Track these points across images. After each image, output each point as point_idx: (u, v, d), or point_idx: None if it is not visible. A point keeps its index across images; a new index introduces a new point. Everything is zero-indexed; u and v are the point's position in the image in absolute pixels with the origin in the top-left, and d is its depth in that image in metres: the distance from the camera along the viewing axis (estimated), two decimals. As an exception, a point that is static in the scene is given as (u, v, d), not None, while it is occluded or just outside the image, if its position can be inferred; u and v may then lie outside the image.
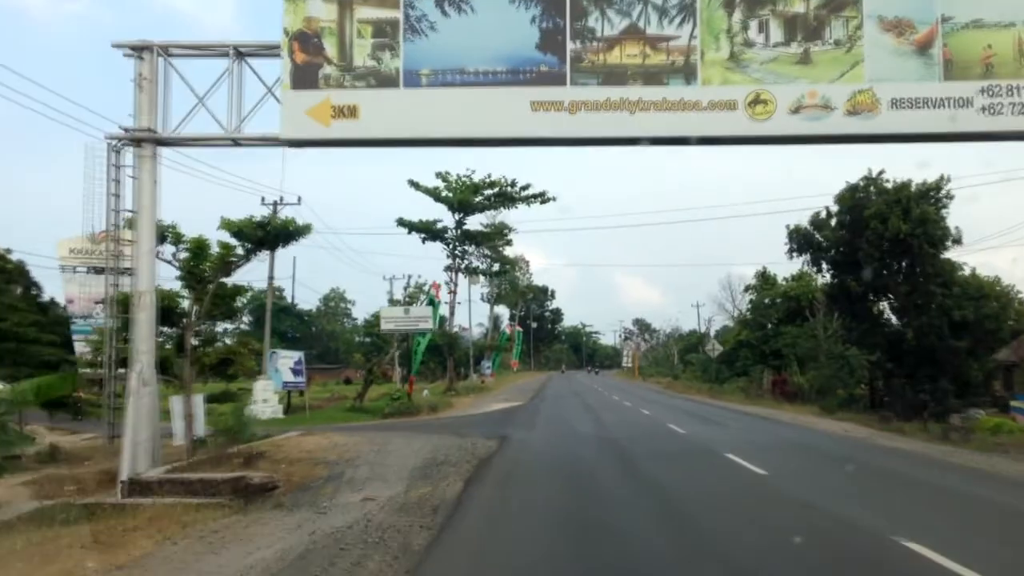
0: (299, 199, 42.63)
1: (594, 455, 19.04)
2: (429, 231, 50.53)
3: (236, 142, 16.68)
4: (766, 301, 62.70)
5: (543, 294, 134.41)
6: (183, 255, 21.43)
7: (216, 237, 21.84)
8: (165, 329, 27.37)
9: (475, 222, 53.49)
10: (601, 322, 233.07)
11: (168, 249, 21.18)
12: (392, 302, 38.64)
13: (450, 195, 49.60)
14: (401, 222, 49.33)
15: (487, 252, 62.69)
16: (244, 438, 19.49)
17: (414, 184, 49.21)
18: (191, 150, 18.37)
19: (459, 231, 52.10)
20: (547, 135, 15.07)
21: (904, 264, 46.34)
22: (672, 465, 17.48)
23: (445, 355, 54.37)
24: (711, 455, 19.39)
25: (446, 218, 51.49)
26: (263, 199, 46.12)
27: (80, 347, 57.66)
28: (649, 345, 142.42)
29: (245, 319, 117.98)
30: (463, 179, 50.31)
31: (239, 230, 21.26)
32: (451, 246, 52.70)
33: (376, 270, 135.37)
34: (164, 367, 23.11)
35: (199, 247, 21.19)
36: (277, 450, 16.34)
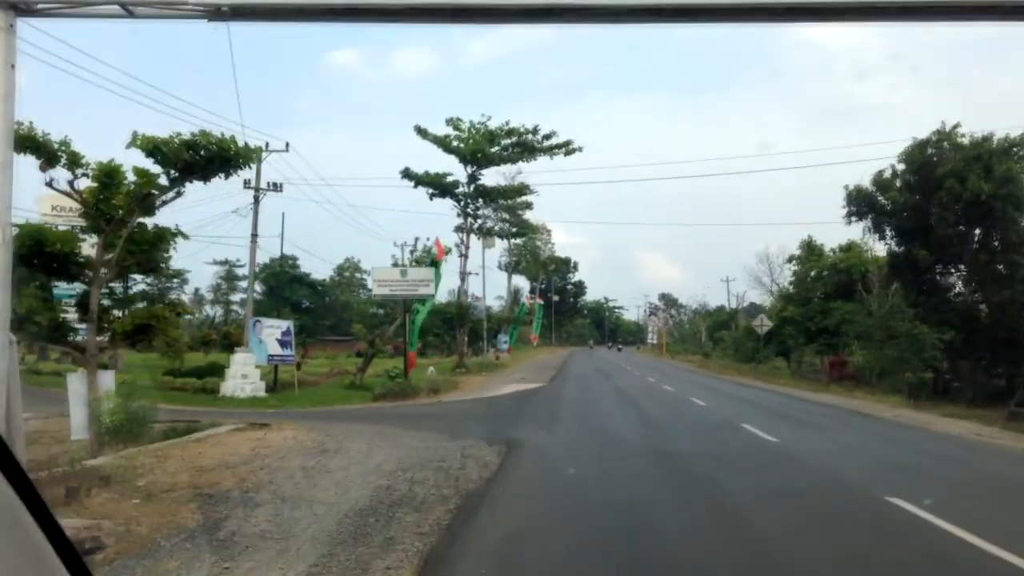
0: (287, 145, 37.20)
1: (664, 495, 10.92)
2: (438, 186, 44.45)
3: (127, 8, 11.26)
4: (812, 274, 56.71)
5: (565, 266, 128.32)
6: (86, 184, 15.95)
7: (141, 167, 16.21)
8: (62, 284, 21.98)
9: (491, 178, 47.53)
10: (623, 298, 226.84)
11: (63, 176, 15.69)
12: (397, 267, 33.30)
13: (462, 145, 43.64)
14: (407, 174, 43.31)
15: (505, 216, 56.87)
16: (145, 438, 14.06)
17: (421, 131, 43.31)
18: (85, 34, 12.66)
19: (472, 186, 46.07)
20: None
21: (982, 230, 40.36)
22: (833, 542, 8.24)
23: (459, 327, 48.76)
24: (884, 513, 9.71)
25: (458, 172, 45.74)
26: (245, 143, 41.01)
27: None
28: (675, 321, 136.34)
29: (257, 288, 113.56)
30: (477, 126, 44.35)
31: (157, 149, 15.65)
32: (462, 203, 46.71)
33: (386, 235, 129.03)
34: (60, 333, 17.75)
35: (107, 174, 15.68)
36: (158, 464, 10.75)
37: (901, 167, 42.91)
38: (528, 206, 64.32)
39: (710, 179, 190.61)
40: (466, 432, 16.57)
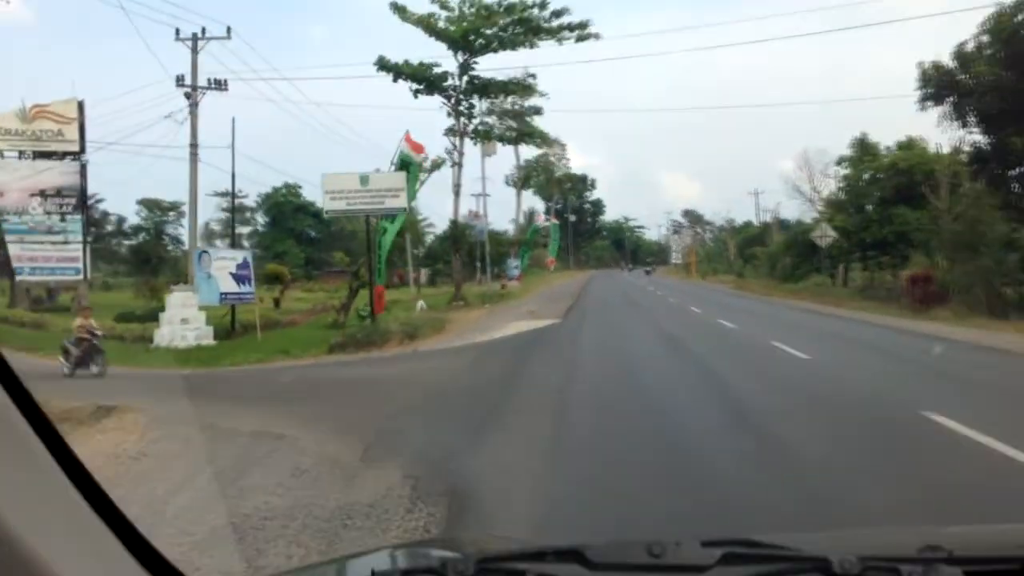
0: (228, 30, 29.76)
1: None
2: (422, 78, 36.59)
3: None
4: (865, 177, 49.06)
5: (582, 184, 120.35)
6: None
7: None
8: None
9: (489, 68, 39.24)
10: (642, 217, 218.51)
11: None
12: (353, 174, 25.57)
13: (451, 26, 35.59)
14: (383, 65, 35.58)
15: (511, 124, 48.85)
16: None
17: (399, 9, 35.23)
18: None
19: (464, 78, 38.08)
20: None
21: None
22: None
23: (451, 253, 41.28)
24: None
25: (448, 63, 37.63)
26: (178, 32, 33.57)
27: (16, 250, 46.42)
28: (700, 239, 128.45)
29: (260, 220, 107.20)
30: (470, 1, 35.96)
31: None
32: (453, 100, 38.78)
33: (371, 148, 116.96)
34: None
35: None
36: None
37: (986, 39, 34.89)
38: (537, 111, 56.46)
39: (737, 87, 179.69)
40: (401, 438, 9.49)
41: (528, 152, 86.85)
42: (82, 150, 49.85)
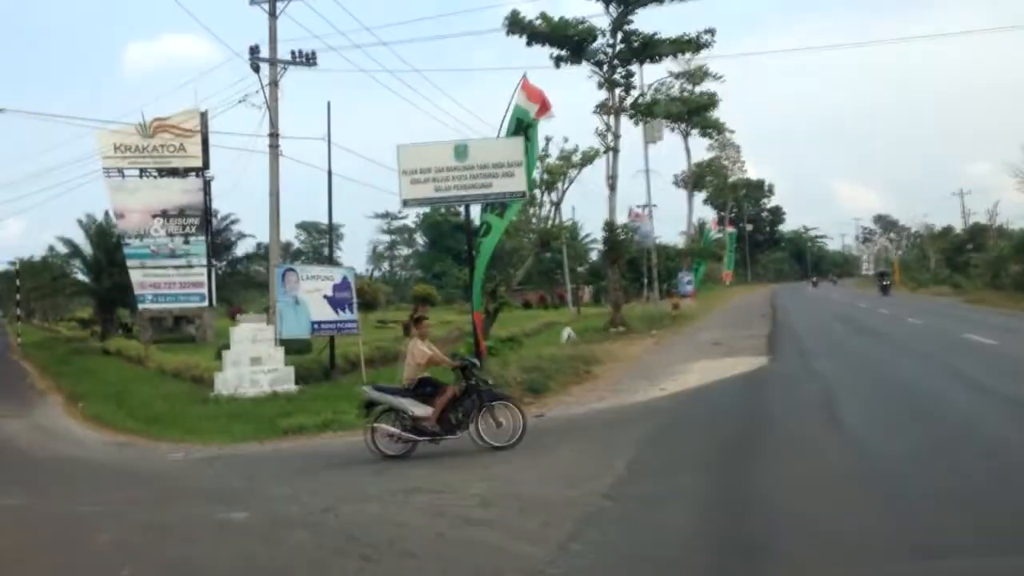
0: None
1: None
2: (564, 40, 28.25)
3: None
4: None
5: (758, 190, 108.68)
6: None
7: None
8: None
9: (649, 21, 30.15)
10: (822, 226, 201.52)
11: None
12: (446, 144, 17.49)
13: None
14: (514, 22, 27.51)
15: (680, 92, 39.84)
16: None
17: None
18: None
19: (620, 35, 29.32)
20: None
21: None
22: None
23: (605, 265, 32.55)
24: None
25: (598, 20, 29.14)
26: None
27: (138, 276, 42.02)
28: (896, 246, 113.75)
29: (419, 240, 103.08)
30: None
31: None
32: (605, 67, 30.17)
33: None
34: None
35: None
36: None
37: None
38: (710, 102, 47.40)
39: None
40: None
41: (697, 149, 77.54)
42: (205, 165, 45.42)
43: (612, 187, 30.52)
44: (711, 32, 30.88)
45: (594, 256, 67.71)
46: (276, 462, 12.84)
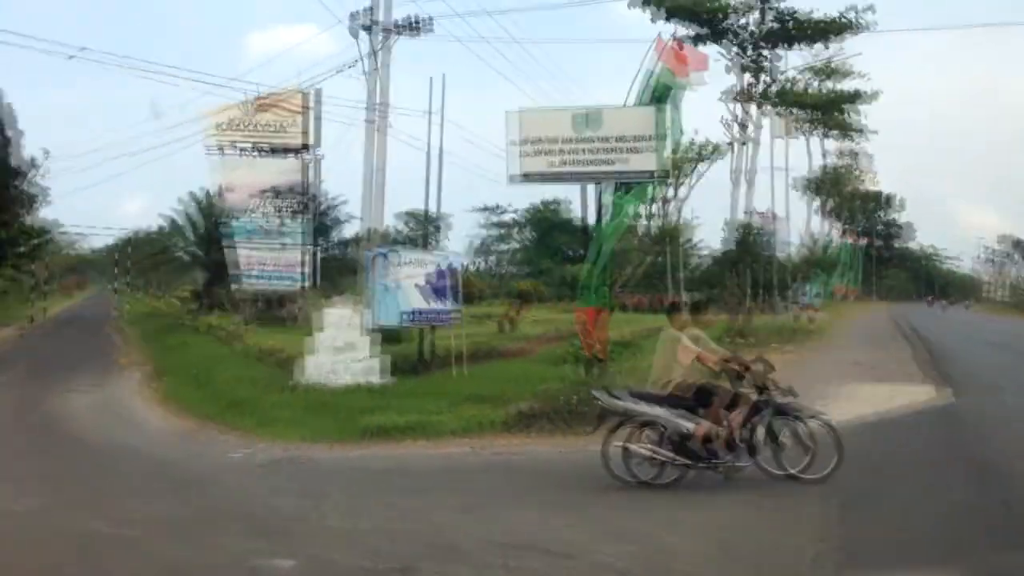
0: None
1: None
2: (702, 18, 25.08)
3: None
4: None
5: (887, 204, 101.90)
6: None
7: None
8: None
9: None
10: (946, 246, 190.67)
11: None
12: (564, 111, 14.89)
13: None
14: None
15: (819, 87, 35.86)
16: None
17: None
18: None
19: (762, 11, 25.96)
20: None
21: None
22: None
23: (730, 269, 29.08)
24: None
25: None
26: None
27: (236, 254, 41.24)
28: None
29: (518, 237, 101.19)
30: None
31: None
32: (748, 49, 26.69)
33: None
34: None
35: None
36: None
37: None
38: (853, 100, 43.17)
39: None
40: None
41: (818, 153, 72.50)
42: (307, 144, 44.33)
43: (748, 181, 27.34)
44: (871, 10, 27.15)
45: (696, 261, 64.23)
46: (348, 475, 10.85)
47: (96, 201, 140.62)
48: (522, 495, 9.14)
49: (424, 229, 27.58)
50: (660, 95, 15.06)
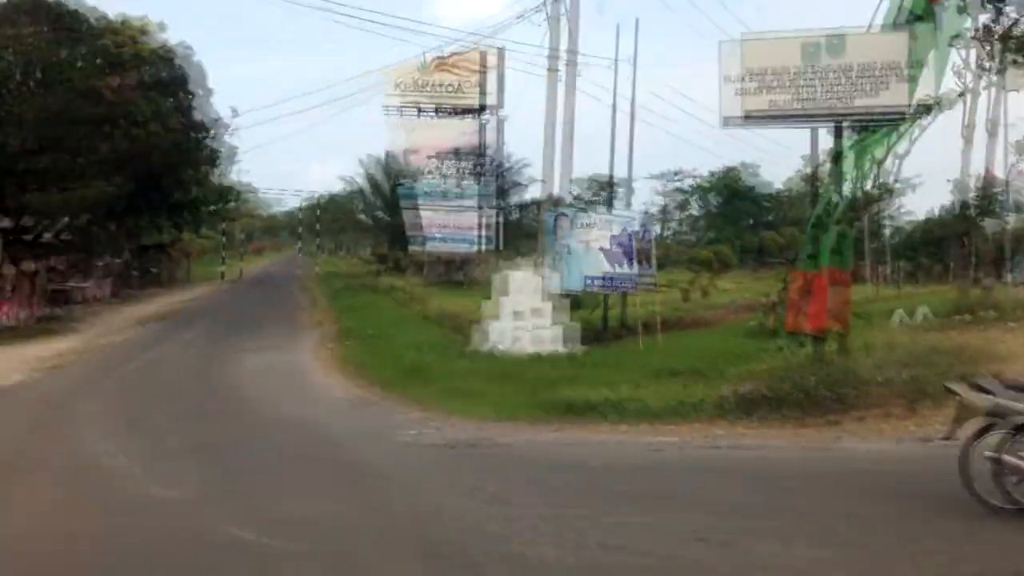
0: None
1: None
2: None
3: None
4: None
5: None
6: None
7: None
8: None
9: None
10: None
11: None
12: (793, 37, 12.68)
13: None
14: None
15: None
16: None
17: None
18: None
19: None
20: None
21: None
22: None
23: (961, 236, 25.24)
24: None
25: None
26: None
27: (414, 216, 41.40)
28: None
29: (710, 201, 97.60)
30: None
31: None
32: None
33: None
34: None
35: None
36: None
37: None
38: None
39: None
40: None
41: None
42: (485, 105, 43.46)
43: (991, 133, 23.62)
44: None
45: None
46: (545, 470, 8.86)
47: (287, 164, 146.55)
48: (790, 517, 6.74)
49: (609, 192, 25.66)
50: (922, 12, 12.50)
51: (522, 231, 55.61)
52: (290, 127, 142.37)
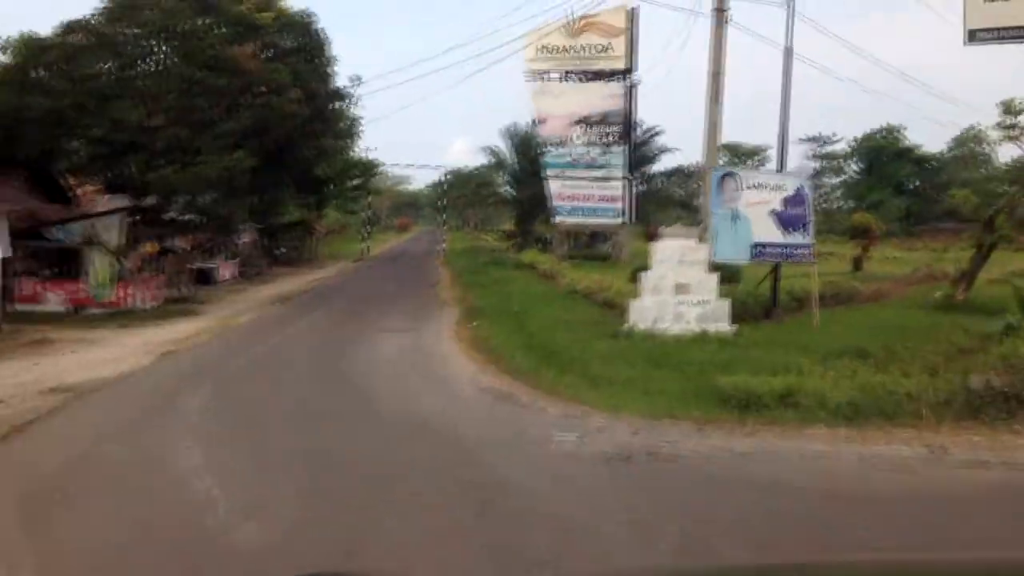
0: None
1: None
2: None
3: None
4: None
5: None
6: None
7: None
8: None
9: None
10: None
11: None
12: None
13: None
14: None
15: None
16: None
17: None
18: None
19: None
20: None
21: None
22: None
23: None
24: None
25: None
26: None
27: (555, 186, 39.70)
28: None
29: (853, 167, 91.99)
30: None
31: None
32: None
33: None
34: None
35: None
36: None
37: None
38: None
39: None
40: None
41: None
42: (630, 68, 41.08)
43: None
44: None
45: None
46: (753, 498, 6.76)
47: (420, 138, 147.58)
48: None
49: (782, 150, 22.89)
50: None
51: (666, 200, 53.01)
52: (413, 96, 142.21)
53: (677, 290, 16.30)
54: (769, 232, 18.10)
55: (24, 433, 8.97)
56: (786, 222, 18.37)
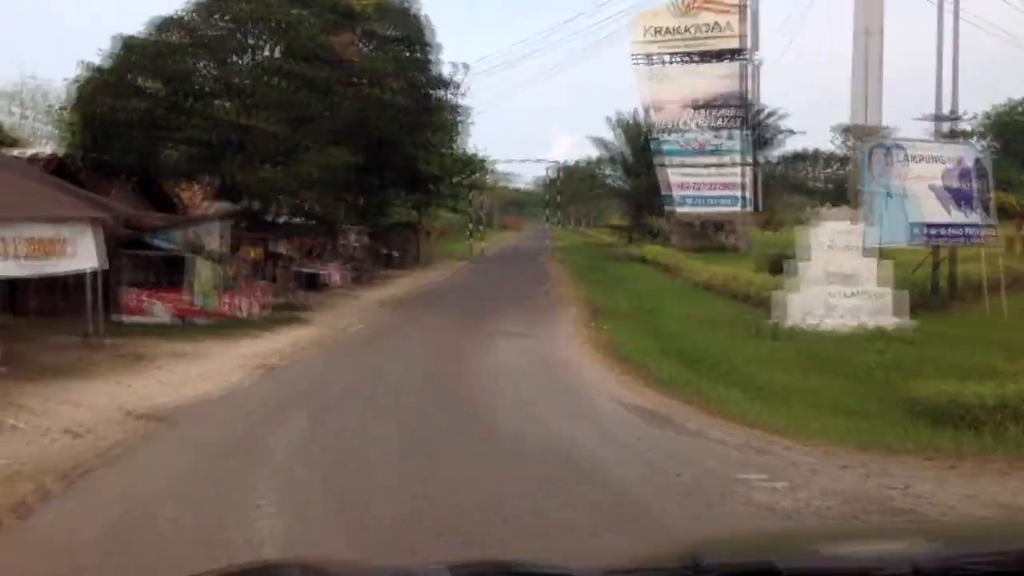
0: None
1: None
2: None
3: None
4: None
5: None
6: None
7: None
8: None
9: None
10: None
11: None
12: None
13: None
14: None
15: None
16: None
17: None
18: None
19: None
20: None
21: None
22: None
23: None
24: None
25: None
26: None
27: (668, 175, 37.86)
28: None
29: (982, 142, 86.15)
30: None
31: None
32: None
33: None
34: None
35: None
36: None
37: None
38: None
39: None
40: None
41: None
42: (748, 47, 38.74)
43: None
44: None
45: None
46: None
47: (522, 133, 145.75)
48: None
49: (955, 91, 20.15)
50: None
51: (791, 187, 49.97)
52: (512, 89, 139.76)
53: (838, 280, 14.25)
54: (934, 211, 15.89)
55: (73, 486, 6.73)
56: (952, 199, 16.09)
